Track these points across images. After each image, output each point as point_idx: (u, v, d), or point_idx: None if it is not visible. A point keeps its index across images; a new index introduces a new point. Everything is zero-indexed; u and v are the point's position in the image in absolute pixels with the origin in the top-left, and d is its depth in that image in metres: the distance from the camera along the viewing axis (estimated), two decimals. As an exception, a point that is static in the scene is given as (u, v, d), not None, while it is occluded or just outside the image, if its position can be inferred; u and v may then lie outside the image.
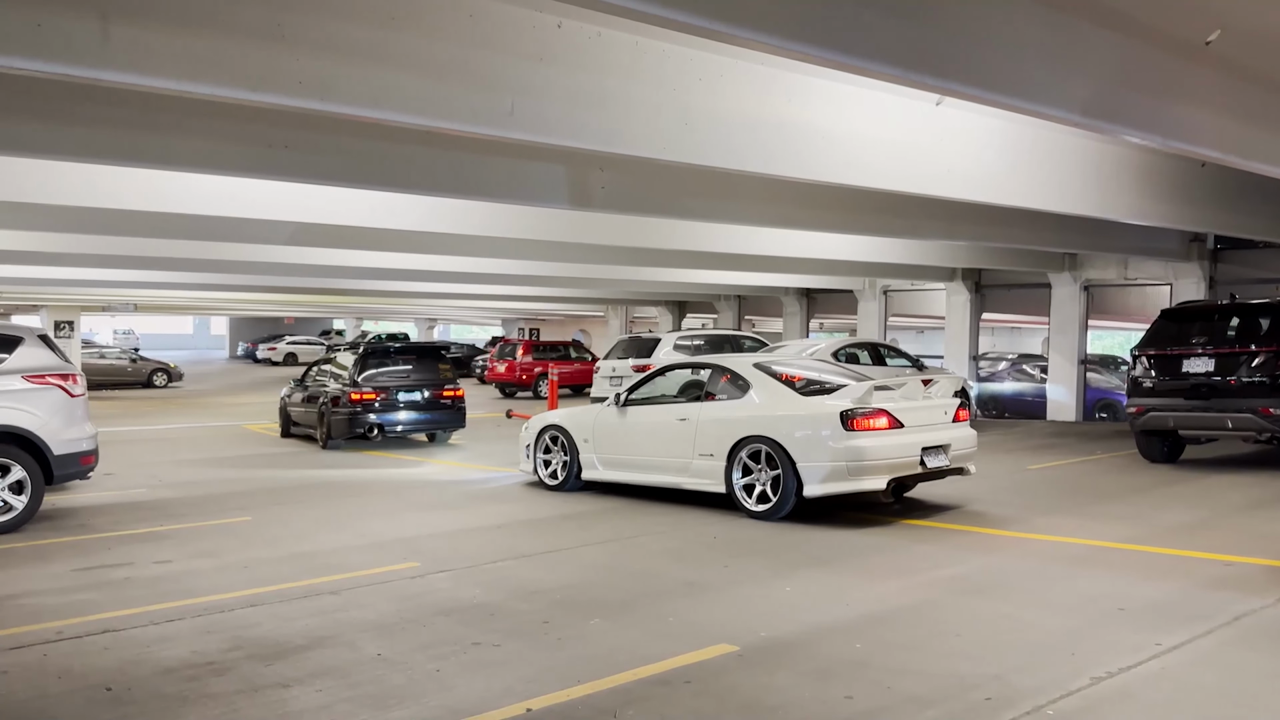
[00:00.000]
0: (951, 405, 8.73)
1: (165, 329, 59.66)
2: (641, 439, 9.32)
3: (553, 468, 10.08)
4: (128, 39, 4.76)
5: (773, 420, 8.26)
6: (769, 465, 8.22)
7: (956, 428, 8.60)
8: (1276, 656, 4.70)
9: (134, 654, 4.93)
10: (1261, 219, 12.46)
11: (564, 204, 9.16)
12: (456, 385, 14.89)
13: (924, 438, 8.16)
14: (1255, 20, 6.20)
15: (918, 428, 8.20)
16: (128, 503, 9.72)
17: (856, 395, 8.15)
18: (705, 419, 8.78)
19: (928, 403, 8.61)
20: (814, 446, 7.94)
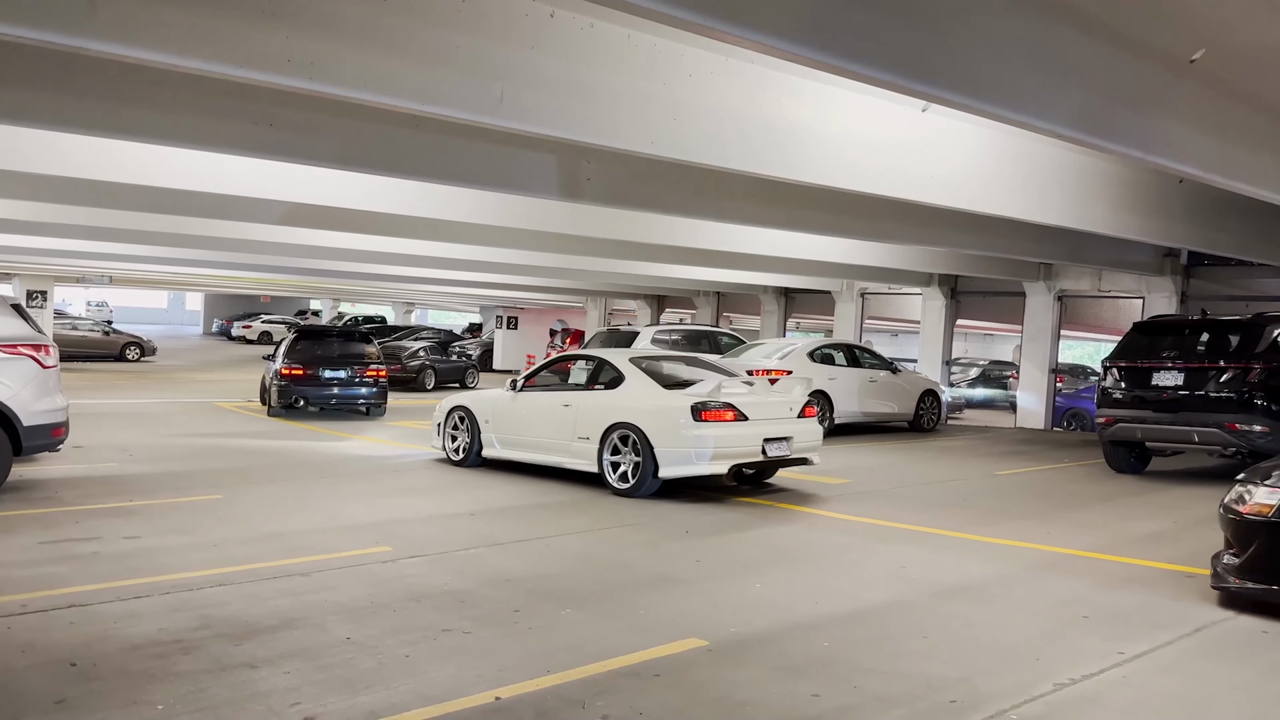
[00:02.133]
0: (798, 403, 9.61)
1: (139, 303, 59.00)
2: (533, 421, 10.32)
3: (458, 444, 11.05)
4: (115, 8, 4.71)
5: (638, 410, 9.23)
6: (633, 450, 9.14)
7: (801, 422, 9.49)
8: (1236, 666, 4.79)
9: (100, 630, 4.90)
10: (1234, 236, 12.64)
11: (550, 194, 9.15)
12: (381, 367, 17.03)
13: (767, 430, 9.09)
14: (1240, 39, 6.29)
15: (762, 421, 9.12)
16: (97, 476, 9.63)
17: (706, 390, 9.17)
18: (585, 406, 9.77)
19: (774, 399, 9.58)
20: (668, 434, 8.93)
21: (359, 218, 13.00)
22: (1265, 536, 5.49)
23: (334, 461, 11.35)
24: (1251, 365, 10.47)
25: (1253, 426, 10.29)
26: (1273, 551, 5.48)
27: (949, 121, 8.09)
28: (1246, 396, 10.40)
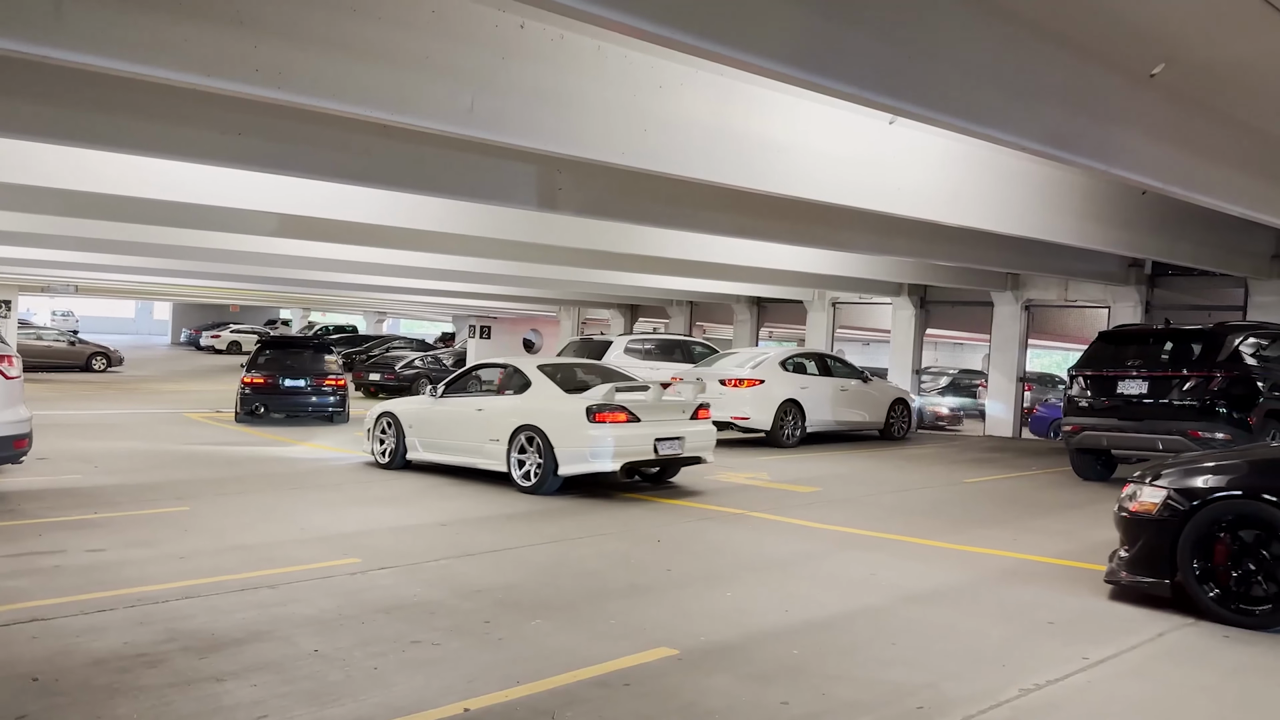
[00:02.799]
0: (692, 406, 10.36)
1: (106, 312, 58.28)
2: (450, 426, 10.92)
3: (385, 448, 11.63)
4: (81, 17, 4.69)
5: (540, 412, 9.92)
6: (537, 451, 9.78)
7: (694, 424, 10.26)
8: (1199, 670, 4.86)
9: (63, 644, 4.83)
10: (1197, 247, 12.87)
11: (521, 204, 9.17)
12: (340, 376, 17.73)
13: (659, 430, 9.79)
14: (1198, 55, 6.42)
15: (654, 422, 9.81)
16: (61, 488, 9.50)
17: (600, 394, 9.71)
18: (495, 410, 10.43)
19: (668, 402, 10.19)
20: (566, 434, 9.59)
21: (330, 226, 12.94)
22: (1150, 532, 5.85)
23: (294, 470, 11.27)
24: (1214, 374, 10.64)
25: (1215, 434, 10.44)
26: (1157, 546, 5.81)
27: (917, 134, 8.19)
28: (1209, 404, 10.57)
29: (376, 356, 30.52)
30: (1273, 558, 5.43)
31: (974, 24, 5.45)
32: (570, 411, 9.66)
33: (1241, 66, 6.65)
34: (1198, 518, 5.66)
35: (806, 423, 15.21)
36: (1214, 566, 5.61)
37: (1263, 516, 5.47)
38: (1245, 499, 5.56)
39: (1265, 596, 5.45)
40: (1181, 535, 5.69)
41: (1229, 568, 5.57)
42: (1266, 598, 5.44)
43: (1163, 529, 5.78)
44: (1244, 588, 5.52)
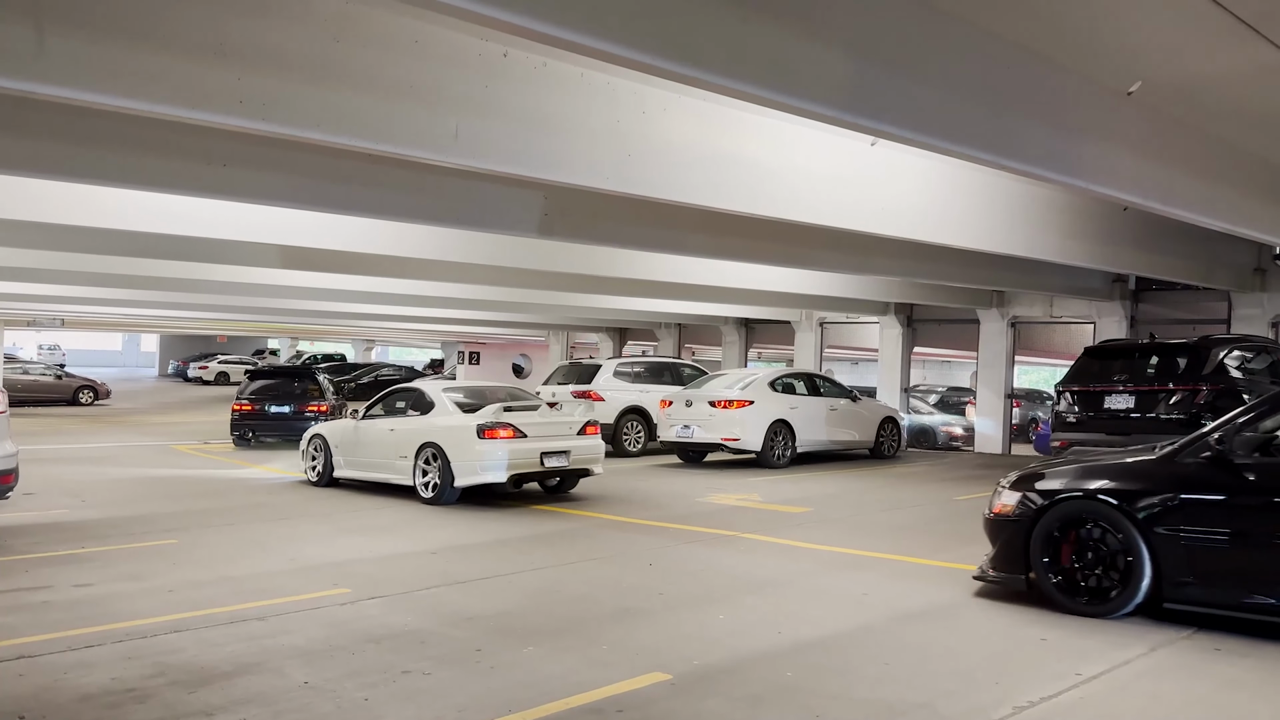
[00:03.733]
0: (579, 423, 11.35)
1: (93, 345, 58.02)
2: (368, 445, 11.87)
3: (316, 467, 12.50)
4: (64, 51, 4.69)
5: (440, 431, 10.86)
6: (438, 466, 10.70)
7: (582, 439, 11.16)
8: (1191, 684, 4.86)
9: (50, 680, 4.78)
10: (1180, 261, 12.98)
11: (509, 230, 9.19)
12: (323, 402, 18.33)
13: (545, 445, 10.75)
14: (1175, 72, 6.51)
15: (540, 438, 10.76)
16: (48, 523, 9.43)
17: (489, 414, 10.73)
18: (404, 430, 11.36)
19: (554, 419, 11.36)
20: (459, 450, 10.52)
21: (317, 255, 12.95)
22: (1009, 531, 6.41)
23: (281, 499, 11.20)
24: (1199, 387, 10.71)
25: (1203, 447, 10.49)
26: (1014, 544, 6.35)
27: (899, 155, 8.26)
28: (1195, 417, 10.61)
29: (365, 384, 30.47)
30: (1110, 551, 5.95)
31: (953, 44, 5.52)
32: (463, 429, 10.59)
33: (1215, 83, 6.75)
34: (1047, 517, 6.20)
35: (797, 443, 15.22)
36: (1061, 560, 6.16)
37: (1101, 514, 6.00)
38: (1086, 499, 6.08)
39: (1104, 587, 5.97)
40: (1033, 533, 6.23)
41: (1074, 561, 6.11)
42: (1106, 588, 5.97)
43: (1018, 528, 6.33)
44: (1086, 579, 6.07)
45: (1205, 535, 5.68)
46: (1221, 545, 5.64)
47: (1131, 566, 5.86)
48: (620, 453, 16.85)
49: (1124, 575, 5.90)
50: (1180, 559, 5.72)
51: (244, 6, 5.05)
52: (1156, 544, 5.78)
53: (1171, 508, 5.80)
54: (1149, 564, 5.80)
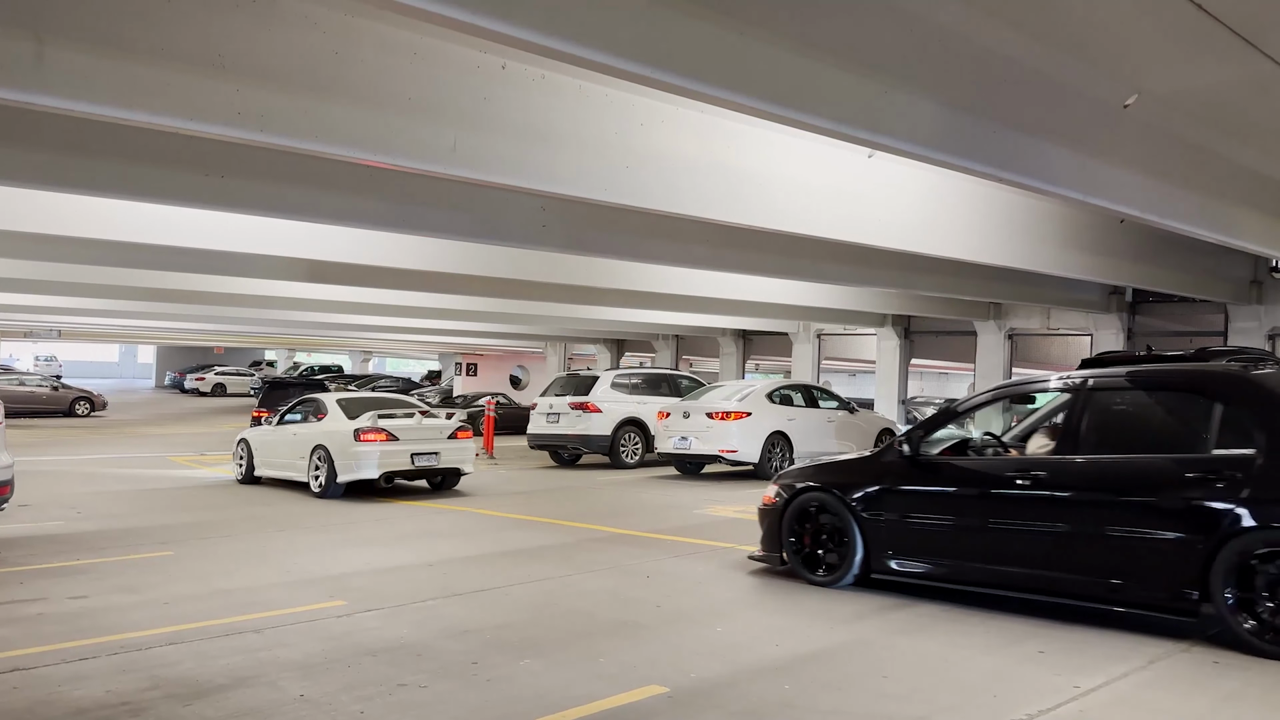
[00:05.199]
0: (451, 428, 13.01)
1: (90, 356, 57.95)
2: (278, 447, 13.46)
3: (241, 466, 14.08)
4: (63, 62, 4.69)
5: (327, 434, 12.48)
6: (326, 465, 12.27)
7: (452, 442, 12.86)
8: (1190, 697, 4.85)
9: (45, 693, 4.76)
10: (1176, 273, 13.00)
11: (504, 241, 9.20)
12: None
13: (415, 447, 12.42)
14: (1170, 84, 6.52)
15: (412, 441, 12.42)
16: (43, 535, 9.40)
17: (365, 420, 12.30)
18: (303, 434, 12.94)
19: (426, 425, 12.82)
20: (340, 451, 12.19)
21: (315, 267, 12.96)
22: (770, 518, 7.63)
23: (277, 510, 11.18)
24: (1196, 399, 10.68)
25: (1200, 459, 10.47)
26: (773, 529, 7.58)
27: (896, 166, 8.28)
28: (1193, 430, 10.60)
29: None
30: (837, 532, 7.19)
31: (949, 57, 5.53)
32: (343, 433, 12.23)
33: (1211, 96, 6.77)
34: (792, 505, 7.45)
35: (794, 454, 15.20)
36: (803, 541, 7.37)
37: (827, 502, 7.25)
38: (818, 490, 7.33)
39: (833, 563, 7.21)
40: (783, 518, 7.45)
41: (812, 541, 7.33)
42: (834, 564, 7.21)
43: (775, 515, 7.55)
44: (819, 555, 7.29)
45: (898, 518, 6.97)
46: (909, 526, 6.92)
47: (849, 544, 7.10)
48: (617, 464, 16.83)
49: (844, 551, 7.12)
50: (881, 537, 7.00)
51: (243, 18, 5.06)
52: (864, 526, 7.06)
53: (873, 496, 7.10)
54: (860, 542, 7.05)
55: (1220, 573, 5.49)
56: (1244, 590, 5.46)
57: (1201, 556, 5.56)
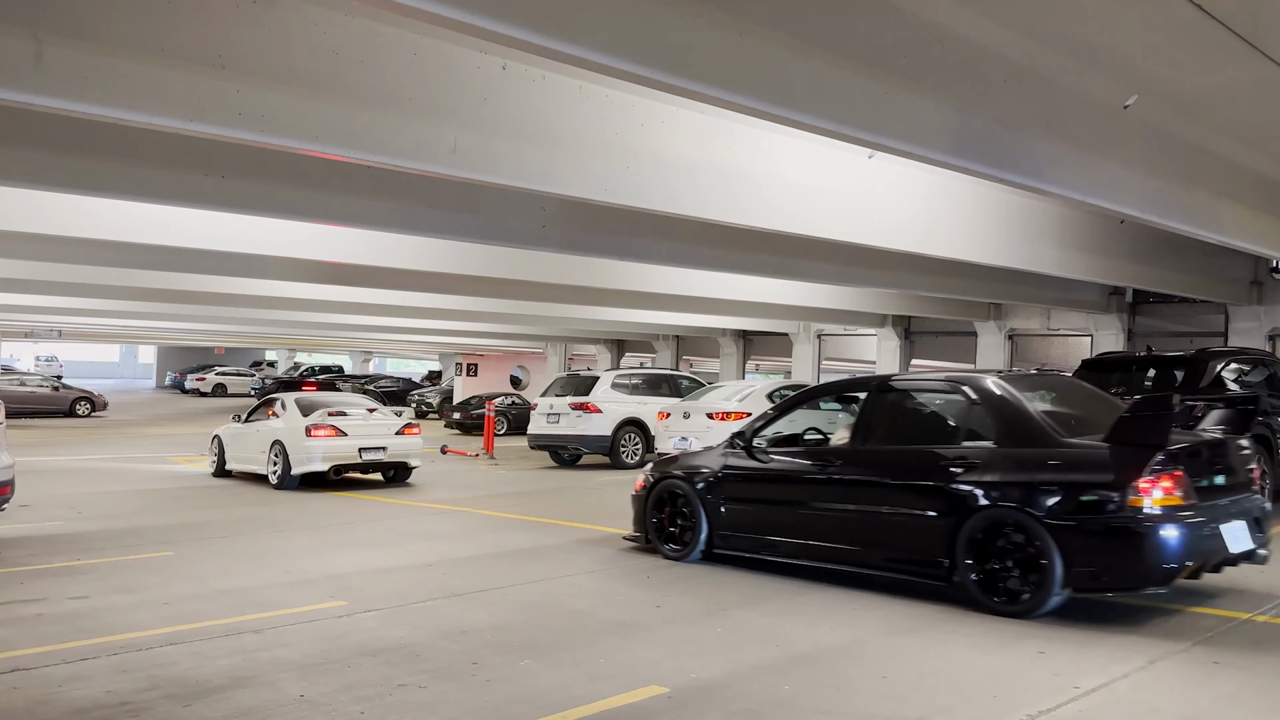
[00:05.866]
0: (398, 425, 14.16)
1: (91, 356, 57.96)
2: (244, 442, 14.42)
3: (214, 462, 15.13)
4: (62, 63, 4.69)
5: (284, 430, 13.48)
6: (281, 457, 13.28)
7: (399, 438, 13.90)
8: (1189, 698, 4.84)
9: (44, 693, 4.76)
10: (1176, 274, 13.00)
11: (504, 242, 9.20)
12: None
13: (363, 442, 13.50)
14: (1170, 85, 6.53)
15: (360, 436, 13.50)
16: (43, 535, 9.40)
17: (316, 416, 13.37)
18: (265, 429, 13.95)
19: (373, 422, 13.94)
20: (293, 445, 13.24)
21: (315, 267, 12.97)
22: (639, 503, 8.63)
23: (276, 511, 11.18)
24: (1196, 400, 10.67)
25: (1200, 459, 10.47)
26: (641, 512, 8.58)
27: (897, 167, 8.28)
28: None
29: None
30: (689, 513, 8.18)
31: (950, 59, 5.53)
32: (296, 429, 13.23)
33: (1211, 97, 6.77)
34: (654, 491, 8.46)
35: (795, 455, 15.16)
36: (664, 523, 8.35)
37: (679, 488, 8.25)
38: (671, 478, 8.37)
39: (684, 540, 8.18)
40: (648, 502, 8.45)
41: (671, 523, 8.32)
42: (685, 541, 8.18)
43: (642, 500, 8.56)
44: (674, 534, 8.29)
45: (732, 502, 7.98)
46: (740, 508, 7.94)
47: (695, 524, 8.10)
48: (618, 465, 16.82)
49: (693, 530, 8.11)
50: (721, 518, 8.01)
51: (244, 19, 5.07)
52: (707, 509, 8.06)
53: (713, 484, 8.08)
54: (705, 522, 8.06)
55: (962, 544, 6.47)
56: (979, 559, 6.42)
57: (950, 531, 6.53)
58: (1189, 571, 6.19)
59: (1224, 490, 6.50)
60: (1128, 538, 5.97)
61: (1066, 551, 6.06)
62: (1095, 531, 6.07)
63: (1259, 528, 6.55)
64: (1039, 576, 6.15)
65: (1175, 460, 6.05)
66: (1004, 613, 6.24)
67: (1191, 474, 6.15)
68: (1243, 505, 6.51)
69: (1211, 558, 6.24)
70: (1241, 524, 6.39)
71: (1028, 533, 6.20)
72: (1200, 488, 6.22)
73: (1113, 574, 6.09)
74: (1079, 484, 6.15)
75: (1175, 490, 5.98)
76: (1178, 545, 5.91)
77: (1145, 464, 5.94)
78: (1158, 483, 5.94)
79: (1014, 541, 6.26)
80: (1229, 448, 6.80)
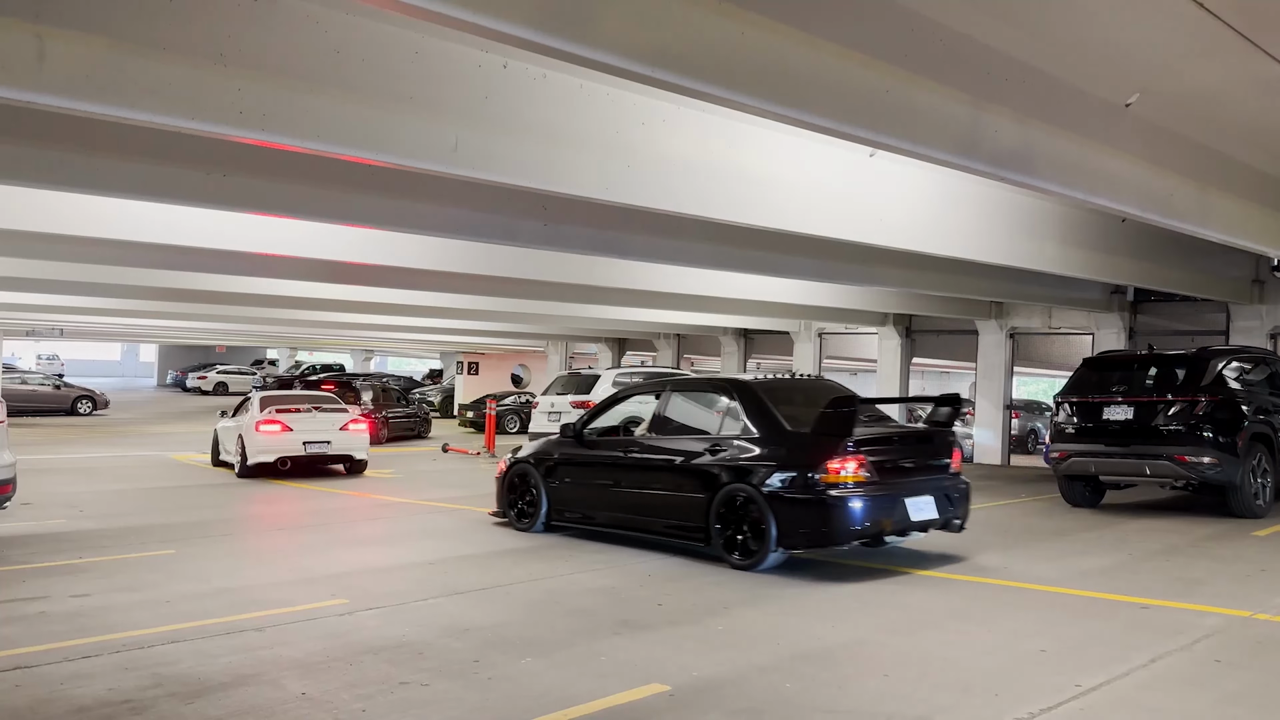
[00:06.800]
0: (341, 421, 15.24)
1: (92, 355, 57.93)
2: (225, 436, 16.01)
3: (212, 453, 16.51)
4: (64, 60, 4.69)
5: (245, 426, 14.81)
6: (240, 448, 14.75)
7: (343, 433, 15.08)
8: (1191, 697, 4.85)
9: (46, 692, 4.77)
10: (1177, 272, 12.99)
11: (505, 240, 9.20)
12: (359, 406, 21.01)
13: (307, 436, 14.68)
14: (1172, 83, 6.52)
15: (303, 431, 14.68)
16: (45, 534, 9.41)
17: (264, 412, 14.66)
18: (235, 424, 15.41)
19: (319, 419, 15.07)
20: (249, 438, 14.51)
21: (318, 266, 12.96)
22: (500, 485, 10.00)
23: (278, 509, 11.19)
24: (1198, 398, 10.69)
25: (1201, 458, 10.48)
26: (501, 494, 9.95)
27: (897, 165, 8.27)
28: (1194, 429, 10.60)
29: None
30: (536, 491, 9.53)
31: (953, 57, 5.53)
32: (249, 425, 14.66)
33: (1213, 95, 6.77)
34: (509, 473, 9.86)
35: (795, 454, 15.15)
36: (517, 502, 9.73)
37: (527, 470, 9.68)
38: (521, 462, 9.78)
39: (533, 515, 9.55)
40: (504, 484, 9.86)
41: (521, 501, 9.72)
42: (534, 516, 9.53)
43: (501, 482, 9.95)
44: (524, 510, 9.68)
45: (569, 483, 9.36)
46: (578, 487, 9.30)
47: (537, 500, 9.49)
48: (619, 463, 16.80)
49: (536, 506, 9.50)
50: (559, 495, 9.41)
51: (245, 18, 5.07)
52: (547, 487, 9.44)
53: (550, 467, 9.49)
54: (545, 498, 9.45)
55: (714, 514, 7.93)
56: (724, 526, 7.87)
57: (706, 504, 8.00)
58: (874, 534, 7.57)
59: (910, 471, 7.98)
60: (820, 507, 7.41)
61: (779, 518, 7.54)
62: (798, 502, 7.52)
63: (950, 503, 8.04)
64: (762, 539, 7.60)
65: (859, 447, 7.46)
66: (740, 567, 7.73)
67: (875, 458, 7.56)
68: (933, 484, 7.97)
69: (896, 524, 7.65)
70: (929, 498, 7.83)
71: (755, 504, 7.68)
72: (886, 469, 7.64)
73: (811, 536, 7.56)
74: (789, 465, 7.60)
75: (859, 470, 7.42)
76: (860, 514, 7.39)
77: (834, 450, 7.39)
78: (844, 464, 7.38)
79: (747, 511, 7.74)
80: (919, 437, 8.65)
